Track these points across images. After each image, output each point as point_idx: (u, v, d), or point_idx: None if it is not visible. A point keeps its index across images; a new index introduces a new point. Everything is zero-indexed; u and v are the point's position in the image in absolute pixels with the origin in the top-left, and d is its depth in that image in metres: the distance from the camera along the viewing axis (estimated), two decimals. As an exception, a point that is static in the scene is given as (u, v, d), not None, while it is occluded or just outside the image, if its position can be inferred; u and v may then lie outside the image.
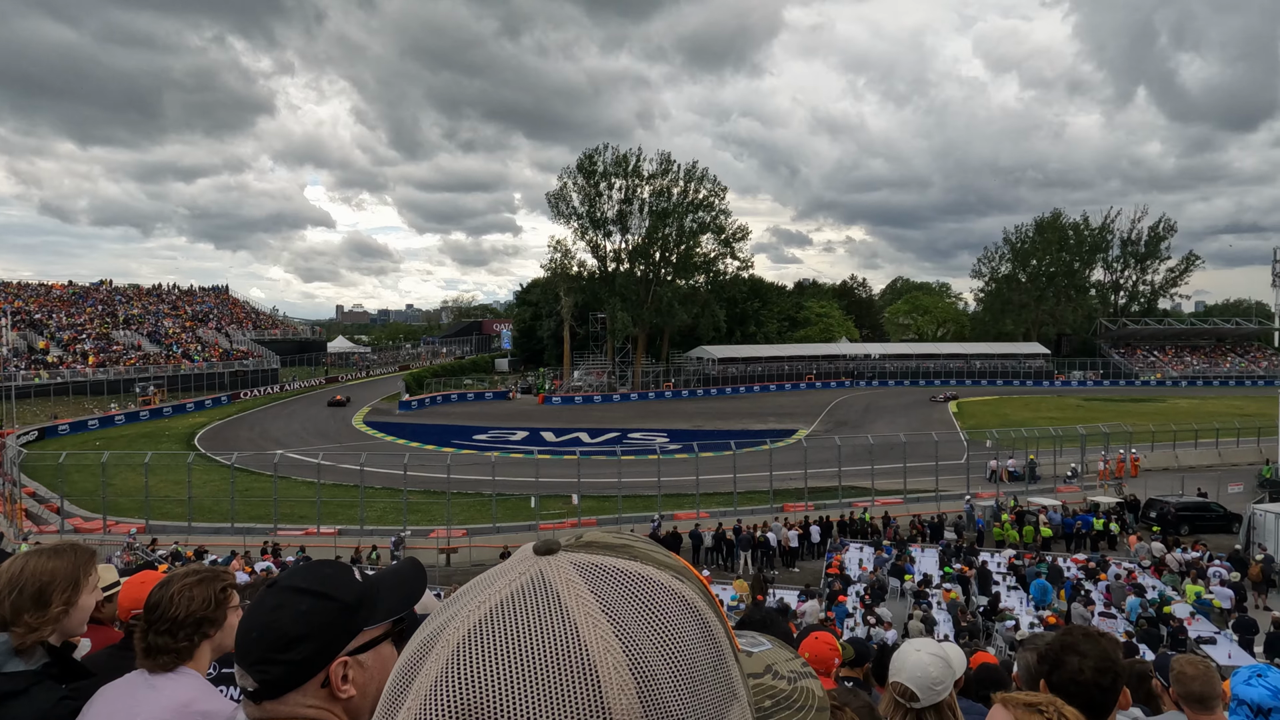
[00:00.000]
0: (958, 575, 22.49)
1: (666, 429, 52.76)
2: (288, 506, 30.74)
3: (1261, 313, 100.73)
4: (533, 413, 63.33)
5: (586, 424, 55.65)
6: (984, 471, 36.36)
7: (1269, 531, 25.38)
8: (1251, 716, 2.96)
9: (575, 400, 69.97)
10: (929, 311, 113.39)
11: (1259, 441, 41.14)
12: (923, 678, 2.33)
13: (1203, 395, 71.85)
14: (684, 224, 77.06)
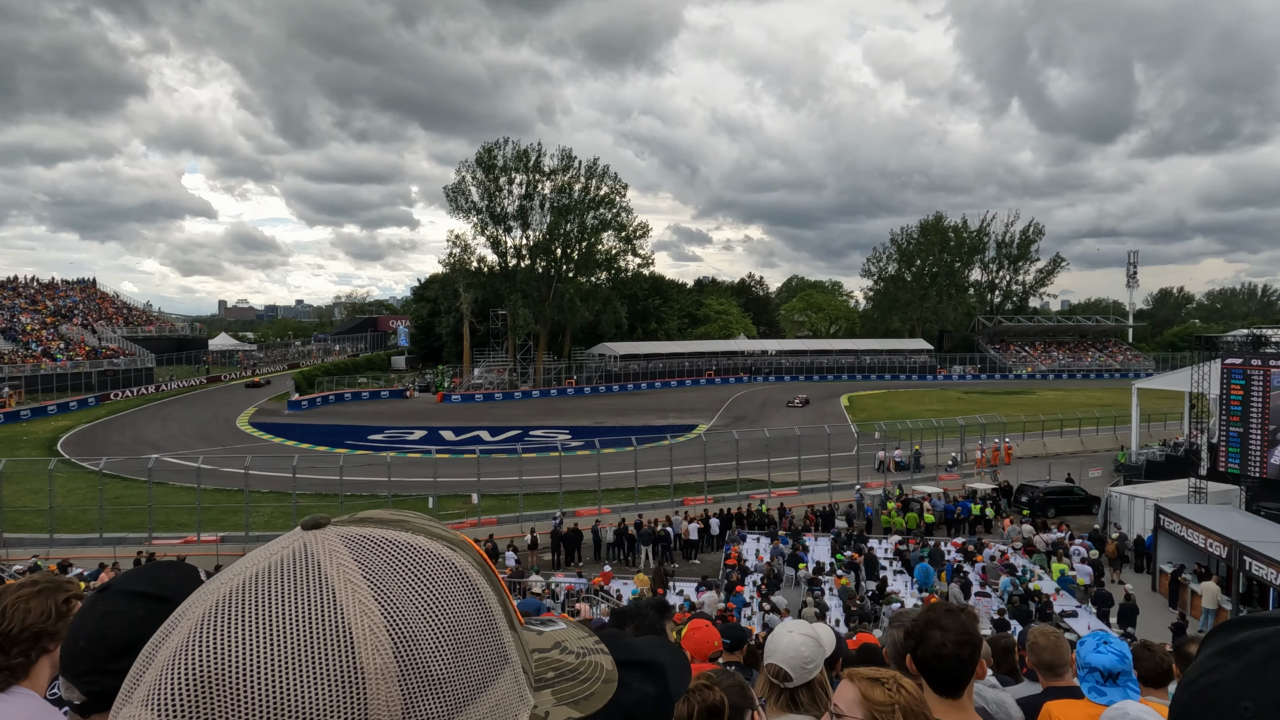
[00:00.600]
0: (848, 562, 23.47)
1: (569, 426, 52.64)
2: (165, 514, 28.90)
3: (1118, 311, 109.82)
4: (431, 411, 61.87)
5: (487, 422, 54.84)
6: (873, 462, 38.06)
7: (1123, 512, 27.65)
8: (1101, 681, 3.24)
9: (476, 398, 68.81)
10: (822, 309, 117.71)
11: (1115, 430, 44.73)
12: (795, 658, 2.45)
13: (1067, 387, 77.42)
14: (585, 220, 76.98)
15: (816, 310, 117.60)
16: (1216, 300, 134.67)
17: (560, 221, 75.41)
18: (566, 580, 22.16)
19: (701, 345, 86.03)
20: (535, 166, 74.91)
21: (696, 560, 26.93)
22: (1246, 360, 25.96)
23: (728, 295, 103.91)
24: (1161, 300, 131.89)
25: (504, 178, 74.56)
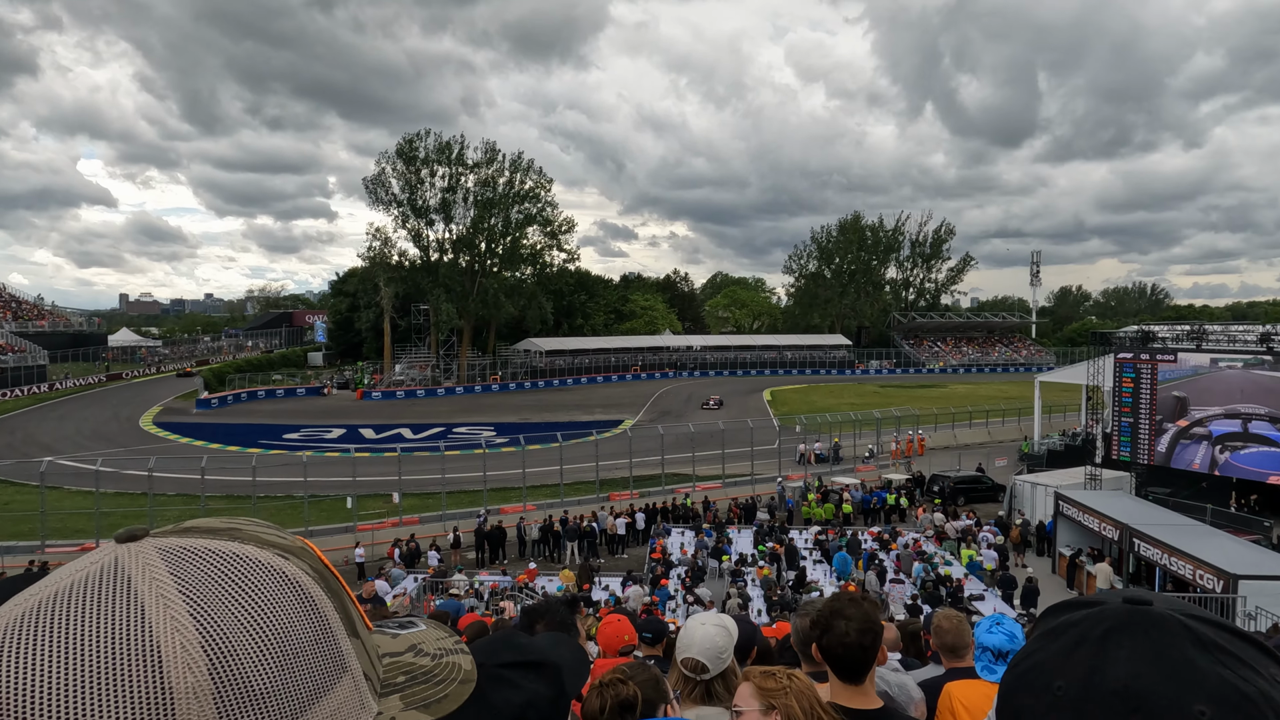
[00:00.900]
0: (770, 553, 23.99)
1: (493, 422, 52.03)
2: (59, 520, 27.27)
3: (1023, 308, 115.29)
4: (350, 409, 60.18)
5: (409, 419, 53.69)
6: (794, 455, 38.97)
7: (1026, 499, 29.11)
8: (993, 660, 3.43)
9: (397, 395, 67.27)
10: (746, 305, 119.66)
11: (1020, 421, 47.01)
12: (711, 649, 2.52)
13: (976, 381, 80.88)
14: (510, 215, 76.09)
15: (740, 306, 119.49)
16: (1111, 298, 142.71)
17: (484, 215, 74.35)
18: (491, 579, 21.93)
19: (627, 341, 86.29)
20: (458, 159, 73.61)
21: (624, 555, 27.06)
22: (1136, 355, 27.68)
23: (653, 291, 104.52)
24: (1062, 298, 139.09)
25: (426, 170, 73.00)
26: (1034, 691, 0.58)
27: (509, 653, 1.17)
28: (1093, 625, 0.59)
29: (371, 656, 0.67)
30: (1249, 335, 26.48)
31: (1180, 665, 0.54)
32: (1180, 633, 0.57)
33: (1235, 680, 0.53)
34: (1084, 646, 0.57)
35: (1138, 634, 0.57)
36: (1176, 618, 0.58)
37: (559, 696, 1.16)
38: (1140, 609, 0.59)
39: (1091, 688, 0.55)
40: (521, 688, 1.12)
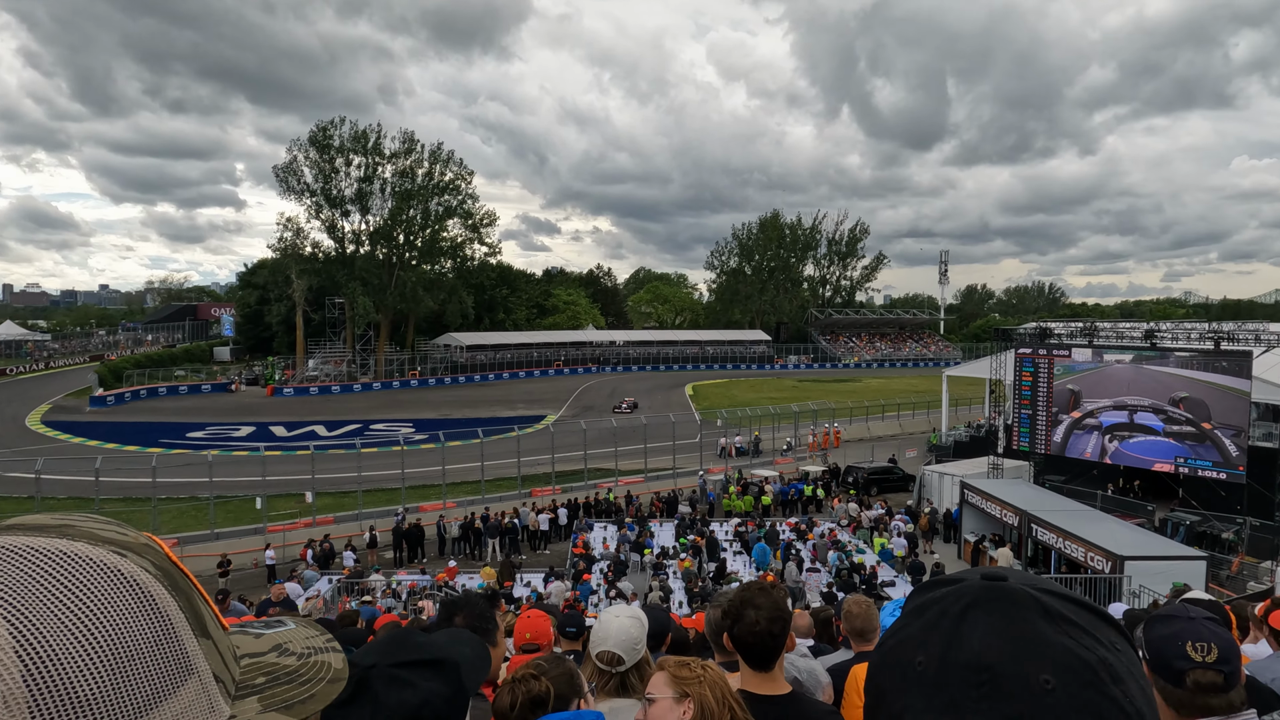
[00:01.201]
0: (691, 545, 24.31)
1: (412, 419, 50.93)
2: (-65, 528, 25.31)
3: (932, 305, 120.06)
4: (260, 406, 57.87)
5: (323, 416, 52.01)
6: (715, 448, 39.55)
7: (934, 488, 30.36)
8: (896, 643, 3.60)
9: (311, 391, 65.06)
10: (668, 301, 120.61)
11: (929, 413, 48.98)
12: (626, 641, 2.57)
13: (889, 375, 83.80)
14: (429, 207, 74.51)
15: (663, 302, 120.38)
16: (1013, 297, 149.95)
17: (403, 207, 72.56)
18: (409, 578, 21.51)
19: (550, 336, 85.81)
20: (375, 148, 71.60)
21: (546, 551, 26.95)
22: (1035, 350, 29.22)
23: (576, 286, 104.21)
24: (968, 296, 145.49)
25: (341, 159, 70.73)
26: (897, 667, 0.61)
27: (405, 651, 1.18)
28: (952, 602, 0.61)
29: (226, 658, 0.64)
30: (1135, 332, 28.31)
31: (1029, 637, 0.57)
32: (1031, 606, 0.59)
33: (1078, 649, 0.56)
34: (943, 623, 0.60)
35: (992, 609, 0.59)
36: (1028, 592, 0.61)
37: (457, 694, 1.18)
38: (995, 585, 0.62)
39: (947, 661, 0.57)
40: (417, 687, 1.13)
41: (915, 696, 0.58)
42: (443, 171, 74.97)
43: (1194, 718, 1.60)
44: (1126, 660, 0.58)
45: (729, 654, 2.56)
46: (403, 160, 72.89)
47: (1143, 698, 0.57)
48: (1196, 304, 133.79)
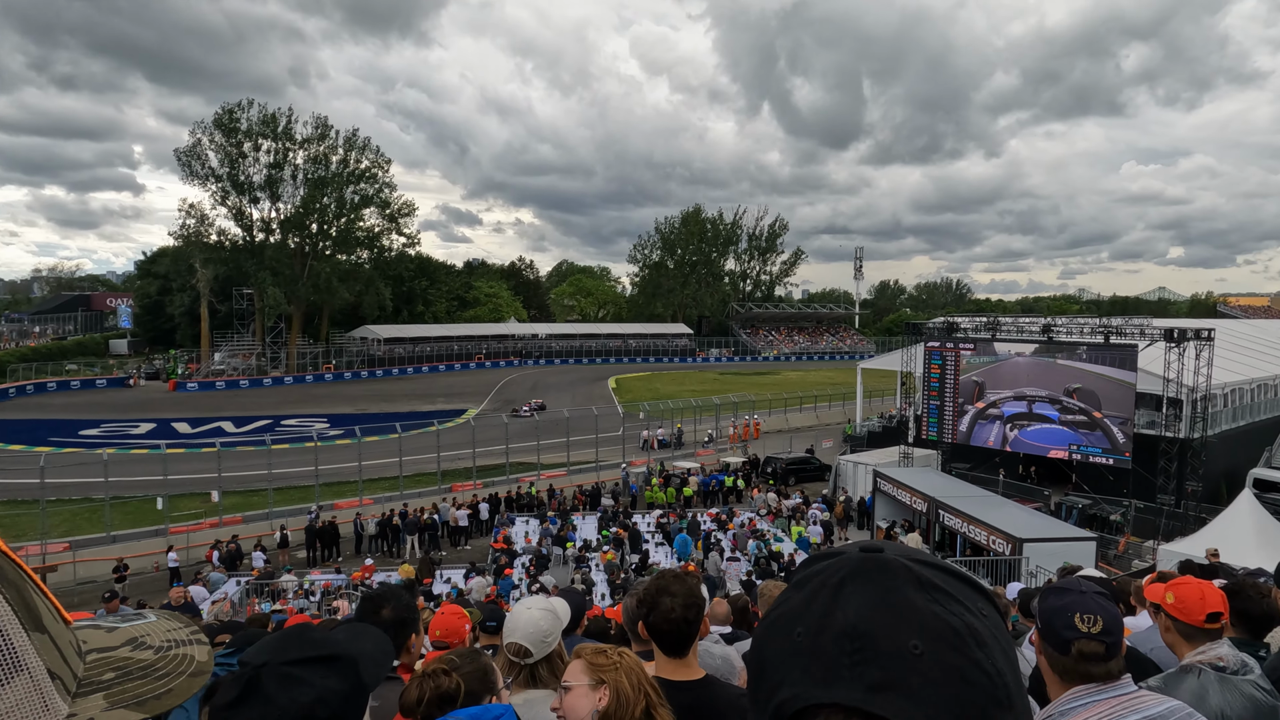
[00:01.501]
0: (614, 538, 24.39)
1: (326, 414, 49.34)
2: None
3: (847, 300, 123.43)
4: (162, 401, 55.01)
5: (231, 412, 49.83)
6: (638, 441, 39.75)
7: (849, 477, 31.33)
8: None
9: (217, 386, 62.25)
10: (591, 294, 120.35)
11: (845, 405, 50.48)
12: (535, 633, 2.54)
13: (807, 368, 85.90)
14: (344, 195, 72.21)
15: (586, 295, 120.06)
16: (923, 292, 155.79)
17: (316, 195, 70.05)
18: (323, 577, 20.86)
19: (471, 328, 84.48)
20: (286, 133, 68.85)
21: (467, 546, 26.59)
22: (943, 344, 30.45)
23: (498, 278, 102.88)
24: (881, 291, 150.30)
25: (249, 143, 67.74)
26: (778, 638, 0.62)
27: (299, 648, 1.13)
28: (831, 574, 0.64)
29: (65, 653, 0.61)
30: (1034, 327, 29.82)
31: (900, 605, 0.59)
32: (904, 576, 0.62)
33: (946, 615, 0.59)
34: (822, 594, 0.62)
35: (867, 579, 0.62)
36: (902, 562, 0.63)
37: (355, 691, 1.14)
38: (871, 556, 0.65)
39: (824, 631, 0.59)
40: (311, 685, 1.08)
41: (793, 667, 0.59)
42: (358, 159, 72.76)
43: (1076, 684, 1.69)
44: (992, 625, 0.61)
45: (645, 643, 2.56)
46: (316, 146, 70.37)
47: (1005, 660, 0.59)
48: (1089, 300, 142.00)
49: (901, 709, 0.54)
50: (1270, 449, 30.92)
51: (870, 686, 0.55)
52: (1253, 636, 3.13)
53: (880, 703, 0.55)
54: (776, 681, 0.59)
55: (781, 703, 0.58)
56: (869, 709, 0.55)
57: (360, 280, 74.48)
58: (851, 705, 0.55)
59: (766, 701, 0.60)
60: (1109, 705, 1.65)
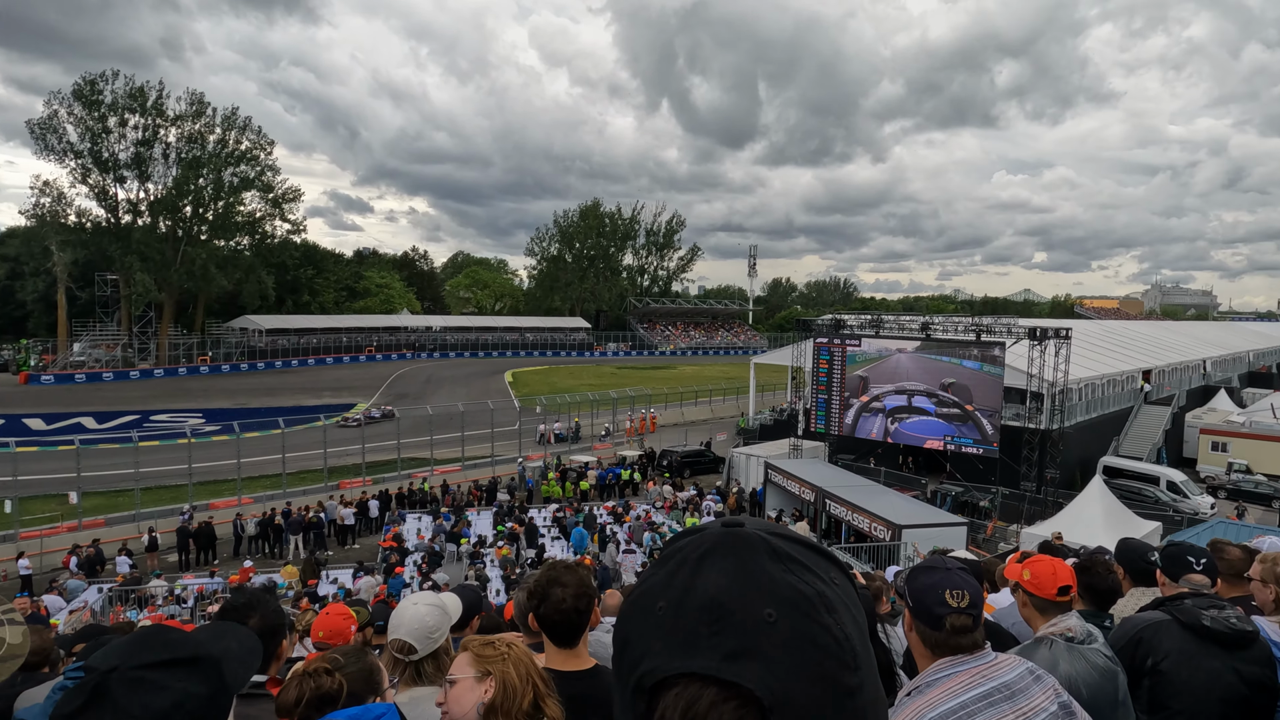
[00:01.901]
0: (510, 533, 24.12)
1: (202, 408, 46.50)
2: None
3: (741, 297, 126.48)
4: (12, 396, 50.43)
5: (93, 407, 46.22)
6: (535, 435, 39.44)
7: (742, 469, 32.14)
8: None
9: (77, 379, 57.60)
10: (488, 286, 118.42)
11: (738, 399, 51.69)
12: (419, 629, 2.48)
13: (702, 363, 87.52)
14: (222, 177, 68.16)
15: (482, 287, 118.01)
16: (813, 290, 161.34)
17: (190, 176, 65.79)
18: (197, 581, 19.68)
19: (361, 320, 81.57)
20: (156, 108, 64.31)
21: (355, 545, 25.68)
22: (830, 340, 31.64)
23: (390, 269, 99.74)
24: (773, 289, 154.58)
25: (114, 117, 62.89)
26: (641, 614, 0.64)
27: (153, 651, 1.04)
28: (693, 550, 0.66)
29: None
30: (914, 324, 31.40)
31: (757, 576, 0.62)
32: (761, 548, 0.64)
33: (799, 584, 0.62)
34: (684, 569, 0.64)
35: (726, 553, 0.64)
36: (760, 536, 0.66)
37: (217, 693, 1.06)
38: (731, 531, 0.67)
39: (684, 603, 0.61)
40: (166, 689, 1.01)
41: (654, 640, 0.61)
42: (238, 139, 68.90)
43: (946, 656, 1.80)
44: (843, 593, 0.64)
45: (536, 634, 2.55)
46: (190, 124, 66.13)
47: (853, 625, 0.62)
48: (963, 300, 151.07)
49: (754, 674, 0.57)
50: (1118, 439, 33.79)
51: (726, 655, 0.58)
52: (1099, 608, 3.45)
53: (735, 670, 0.57)
54: (639, 655, 0.61)
55: (642, 675, 0.60)
56: (724, 676, 0.57)
57: (240, 267, 70.55)
58: (708, 674, 0.57)
59: (629, 675, 0.61)
60: (971, 673, 1.76)
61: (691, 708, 0.57)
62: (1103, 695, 2.25)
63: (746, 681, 0.56)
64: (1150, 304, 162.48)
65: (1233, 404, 39.96)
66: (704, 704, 0.57)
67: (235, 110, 68.94)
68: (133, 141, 64.02)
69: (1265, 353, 62.23)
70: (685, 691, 0.58)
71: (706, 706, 0.57)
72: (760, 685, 0.56)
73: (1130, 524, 20.13)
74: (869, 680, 0.62)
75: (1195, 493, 28.34)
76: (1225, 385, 44.54)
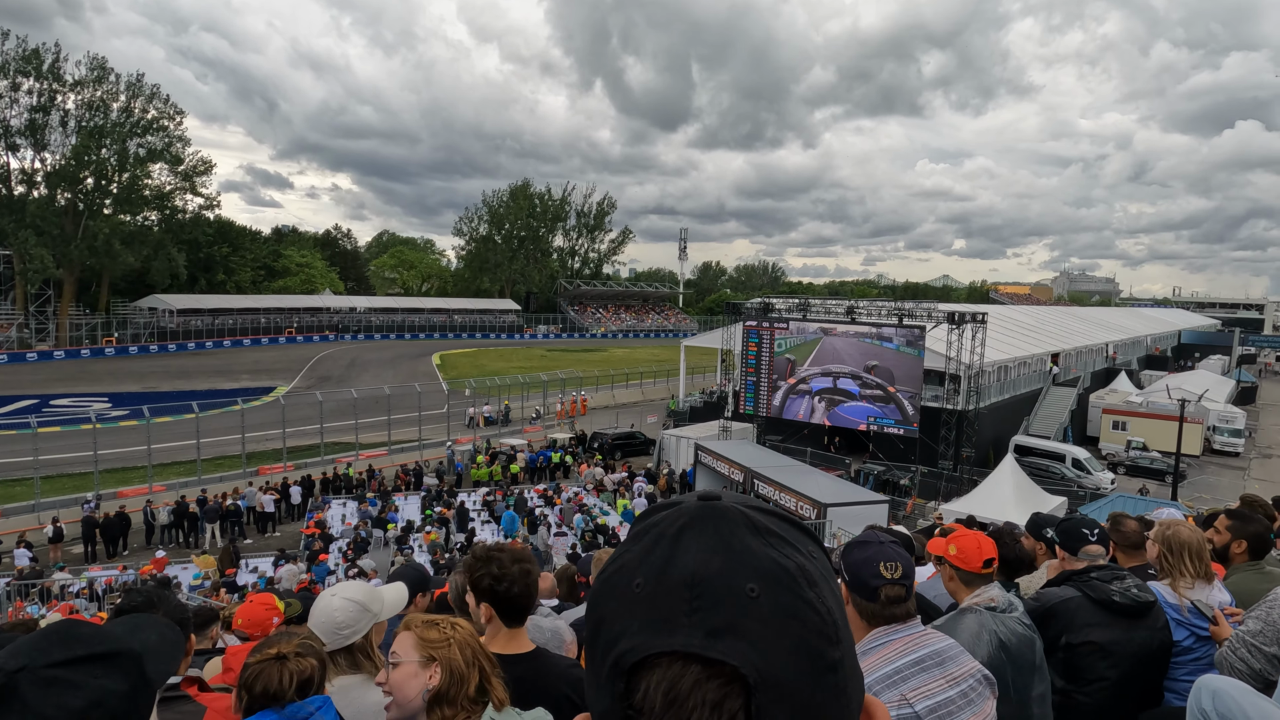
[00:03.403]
0: (439, 517, 23.79)
1: (108, 392, 44.15)
2: None
3: (672, 280, 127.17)
4: (-110, 379, 46.84)
5: (-16, 391, 43.34)
6: (464, 418, 38.90)
7: (672, 450, 32.44)
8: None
9: (-35, 361, 53.85)
10: (415, 266, 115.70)
11: (669, 381, 52.09)
12: (327, 623, 2.39)
13: (633, 345, 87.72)
14: (127, 148, 64.43)
15: (409, 268, 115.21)
16: (742, 274, 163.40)
17: (90, 145, 61.93)
18: (105, 573, 18.75)
19: (281, 300, 78.66)
20: (52, 72, 60.21)
21: (275, 533, 24.89)
22: (760, 323, 32.14)
23: (311, 247, 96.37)
24: (704, 272, 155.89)
25: (4, 81, 58.67)
26: (616, 591, 0.62)
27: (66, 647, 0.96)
28: (669, 524, 0.64)
29: None
30: (840, 308, 32.18)
31: (737, 550, 0.61)
32: (740, 522, 0.63)
33: (780, 558, 0.61)
34: (661, 544, 0.63)
35: (705, 527, 0.63)
36: (738, 509, 0.65)
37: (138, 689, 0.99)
38: (709, 505, 0.65)
39: (663, 580, 0.60)
40: (83, 687, 0.94)
41: (632, 618, 0.59)
42: (145, 108, 65.20)
43: (881, 626, 1.85)
44: (820, 566, 0.64)
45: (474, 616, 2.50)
46: (91, 90, 62.19)
47: (833, 598, 0.62)
48: (886, 285, 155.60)
49: (739, 651, 0.56)
50: (1028, 418, 35.48)
51: (709, 632, 0.56)
52: (1007, 578, 3.66)
53: (719, 647, 0.56)
54: (616, 634, 0.59)
55: (621, 655, 0.58)
56: (708, 654, 0.56)
57: (148, 244, 67.02)
58: (690, 652, 0.56)
59: (605, 656, 0.60)
60: (904, 641, 1.83)
61: (674, 687, 0.56)
62: (1023, 658, 2.36)
63: (731, 659, 0.55)
64: (1059, 290, 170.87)
65: (1132, 385, 42.43)
66: (687, 683, 0.55)
67: (141, 77, 65.28)
68: (26, 108, 59.96)
69: (1161, 337, 66.25)
70: (667, 671, 0.56)
71: (690, 685, 0.55)
72: (745, 662, 0.55)
73: (1039, 499, 21.22)
74: (849, 654, 0.62)
75: (1097, 469, 30.03)
76: (1125, 368, 47.26)
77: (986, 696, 1.80)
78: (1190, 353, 64.83)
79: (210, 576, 18.14)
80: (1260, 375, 62.56)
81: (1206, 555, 3.34)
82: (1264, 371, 67.36)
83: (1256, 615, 2.71)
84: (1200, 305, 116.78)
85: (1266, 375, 65.99)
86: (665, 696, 0.56)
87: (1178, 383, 38.74)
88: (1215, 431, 36.77)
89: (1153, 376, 46.96)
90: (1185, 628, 3.12)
